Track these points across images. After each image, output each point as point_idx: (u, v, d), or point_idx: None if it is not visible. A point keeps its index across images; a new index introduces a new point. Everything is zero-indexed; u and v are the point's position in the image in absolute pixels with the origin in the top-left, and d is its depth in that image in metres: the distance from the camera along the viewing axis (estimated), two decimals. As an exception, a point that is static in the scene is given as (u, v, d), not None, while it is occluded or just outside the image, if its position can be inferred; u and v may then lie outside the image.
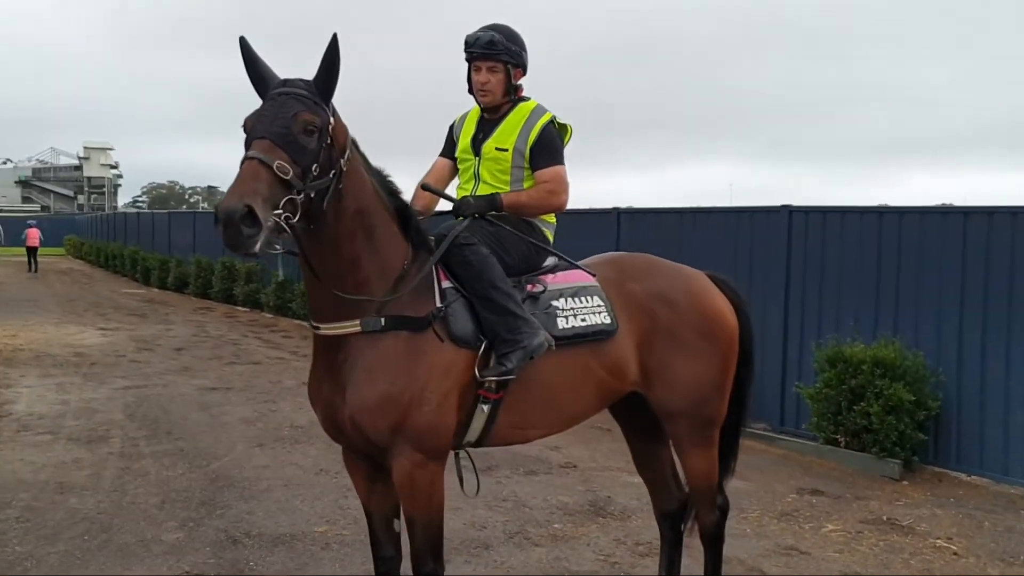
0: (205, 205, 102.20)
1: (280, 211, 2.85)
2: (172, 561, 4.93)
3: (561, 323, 3.67)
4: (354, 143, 3.35)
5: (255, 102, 3.13)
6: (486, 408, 3.52)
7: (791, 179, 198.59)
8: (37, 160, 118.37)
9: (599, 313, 3.75)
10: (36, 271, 32.09)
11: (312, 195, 3.02)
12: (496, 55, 3.74)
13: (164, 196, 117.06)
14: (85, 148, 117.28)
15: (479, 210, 3.69)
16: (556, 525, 5.79)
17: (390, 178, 3.54)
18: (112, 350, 12.74)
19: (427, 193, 3.89)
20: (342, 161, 3.14)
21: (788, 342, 8.72)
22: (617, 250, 10.26)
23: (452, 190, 4.05)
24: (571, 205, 3.99)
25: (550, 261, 3.92)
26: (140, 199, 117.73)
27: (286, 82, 3.10)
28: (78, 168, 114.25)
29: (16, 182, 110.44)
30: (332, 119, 3.10)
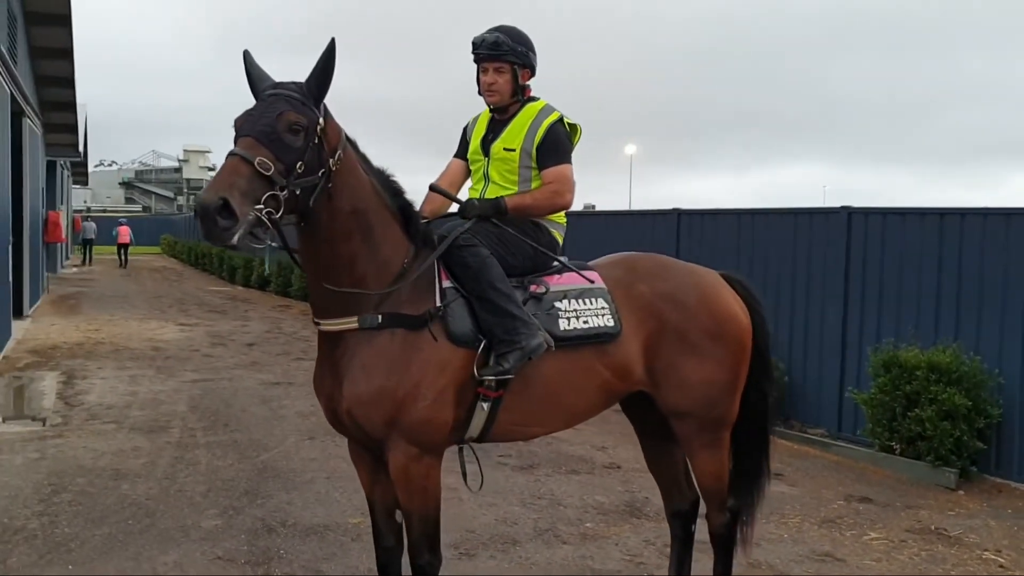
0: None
1: (261, 206, 2.94)
2: (207, 547, 5.11)
3: (563, 324, 3.68)
4: (352, 143, 3.43)
5: (341, 107, 3.36)
6: (486, 406, 3.55)
7: (886, 181, 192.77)
8: (140, 163, 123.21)
9: (602, 315, 3.75)
10: (126, 266, 34.38)
11: (298, 192, 3.09)
12: (502, 56, 3.78)
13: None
14: (185, 151, 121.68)
15: (483, 213, 3.71)
16: (588, 524, 5.79)
17: (393, 178, 3.60)
18: (187, 345, 13.21)
19: (437, 194, 3.94)
20: (332, 161, 3.21)
21: (847, 346, 8.52)
22: (677, 251, 10.27)
23: (465, 191, 4.11)
24: (636, 205, 4.04)
25: (559, 262, 3.92)
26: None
27: (277, 84, 3.20)
28: (178, 170, 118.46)
29: (120, 183, 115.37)
30: (323, 120, 3.17)
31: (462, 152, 4.10)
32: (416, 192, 3.83)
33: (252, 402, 9.16)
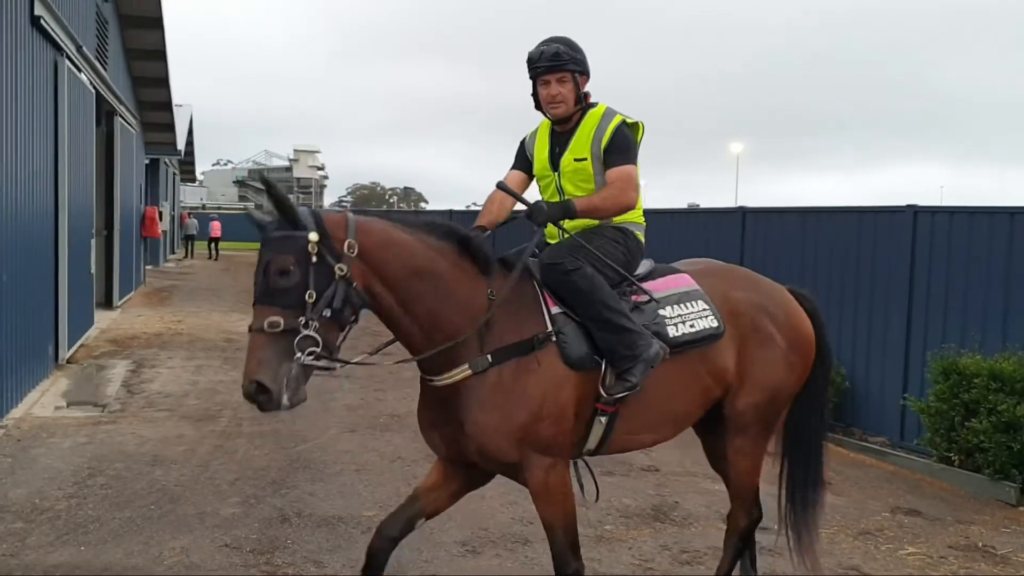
0: (403, 205, 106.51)
1: (300, 355, 3.08)
2: (218, 534, 5.20)
3: (672, 331, 3.79)
4: (379, 217, 3.52)
5: (444, 109, 3.57)
6: (603, 420, 3.67)
7: (1008, 182, 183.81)
8: (252, 162, 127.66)
9: (706, 317, 3.88)
10: (217, 258, 36.79)
11: (327, 314, 3.18)
12: (563, 66, 3.80)
13: (367, 196, 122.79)
14: (295, 151, 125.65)
15: (552, 217, 3.69)
16: (607, 527, 5.66)
17: (445, 224, 3.64)
18: (260, 337, 13.51)
19: (500, 198, 3.96)
20: (345, 255, 3.24)
21: (910, 352, 8.13)
22: (742, 250, 9.99)
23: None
24: (707, 203, 4.02)
25: (644, 265, 4.02)
26: (345, 199, 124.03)
27: (264, 230, 3.26)
28: (288, 169, 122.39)
29: (234, 182, 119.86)
30: (311, 234, 3.18)
31: (520, 164, 4.12)
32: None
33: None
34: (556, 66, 3.81)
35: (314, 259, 3.18)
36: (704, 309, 3.89)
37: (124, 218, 16.69)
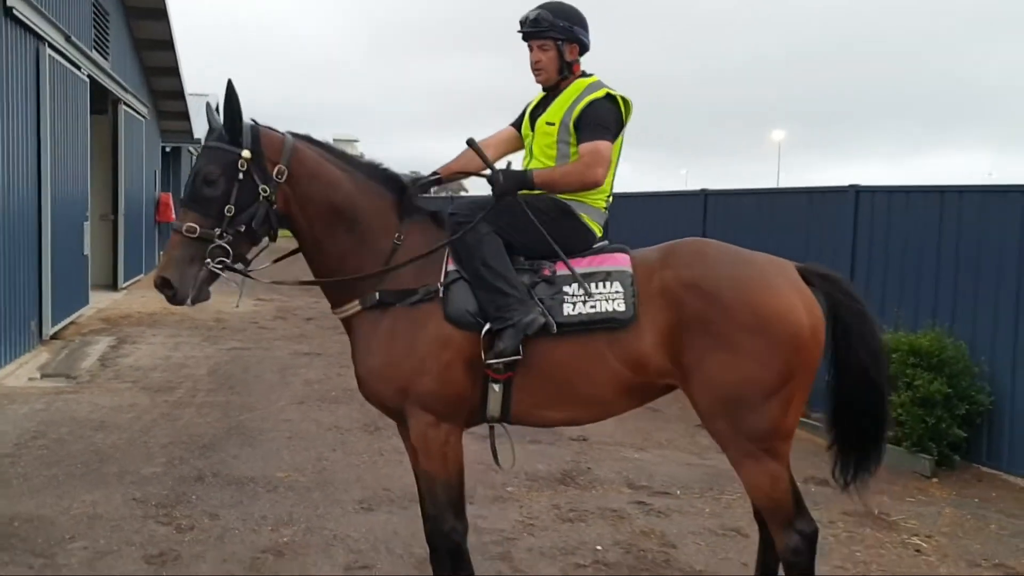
0: (441, 193, 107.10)
1: (208, 261, 3.36)
2: (132, 489, 5.52)
3: (567, 309, 3.56)
4: (320, 147, 3.65)
5: (482, 100, 3.88)
6: (497, 387, 3.59)
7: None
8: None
9: (614, 300, 3.54)
10: None
11: (242, 228, 3.42)
12: (543, 32, 3.72)
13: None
14: (334, 140, 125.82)
15: (506, 188, 3.62)
16: (510, 488, 5.89)
17: (382, 167, 3.78)
18: (250, 318, 13.89)
19: (471, 154, 3.86)
20: (273, 179, 3.45)
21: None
22: (704, 234, 10.13)
23: (510, 160, 4.00)
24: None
25: (598, 246, 3.81)
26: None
27: (207, 137, 3.50)
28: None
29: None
30: (247, 151, 3.39)
31: (517, 122, 4.07)
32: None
33: (270, 370, 9.63)
34: (536, 32, 3.74)
35: (240, 176, 3.40)
36: (616, 292, 3.54)
37: (131, 203, 17.17)
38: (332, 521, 5.17)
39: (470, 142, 3.79)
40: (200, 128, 25.72)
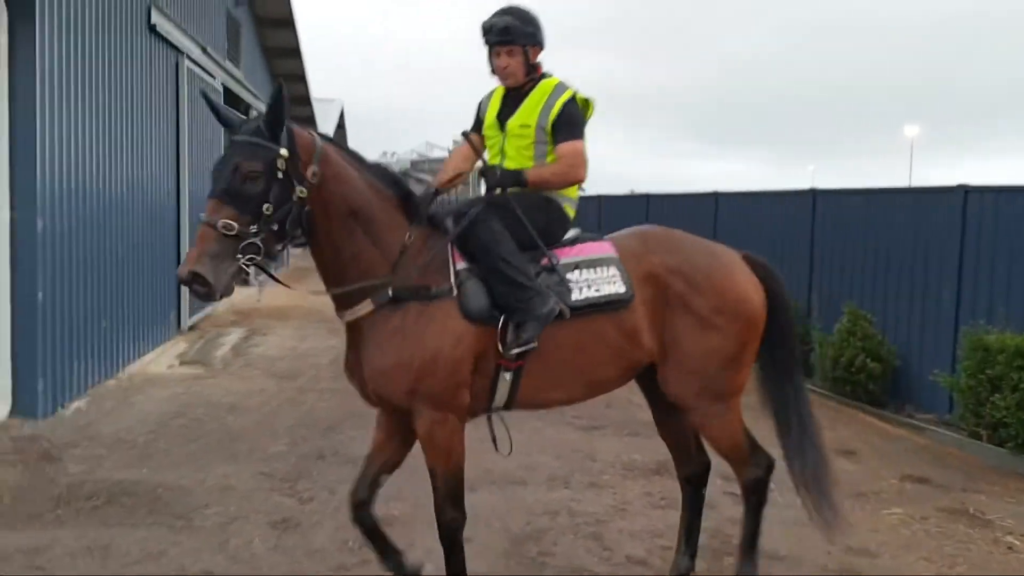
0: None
1: (240, 256, 3.27)
2: (260, 465, 6.07)
3: (575, 294, 3.82)
4: (339, 148, 3.70)
5: (599, 96, 4.05)
6: (508, 376, 3.75)
7: None
8: (416, 153, 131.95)
9: (614, 282, 3.87)
10: None
11: (275, 228, 3.37)
12: (512, 40, 3.93)
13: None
14: (454, 142, 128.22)
15: (503, 182, 3.88)
16: (605, 476, 6.17)
17: (390, 169, 3.94)
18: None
19: (457, 160, 4.19)
20: (307, 180, 3.45)
21: (960, 329, 8.13)
22: (813, 235, 10.16)
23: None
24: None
25: (572, 233, 4.11)
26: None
27: (235, 131, 3.45)
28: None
29: (399, 172, 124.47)
30: (285, 149, 3.36)
31: (476, 127, 4.24)
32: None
33: (386, 360, 10.15)
34: (505, 40, 3.93)
35: (279, 175, 3.34)
36: (613, 275, 3.88)
37: (260, 203, 18.14)
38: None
39: (465, 133, 4.08)
40: (327, 131, 26.84)
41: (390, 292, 3.63)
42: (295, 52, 19.41)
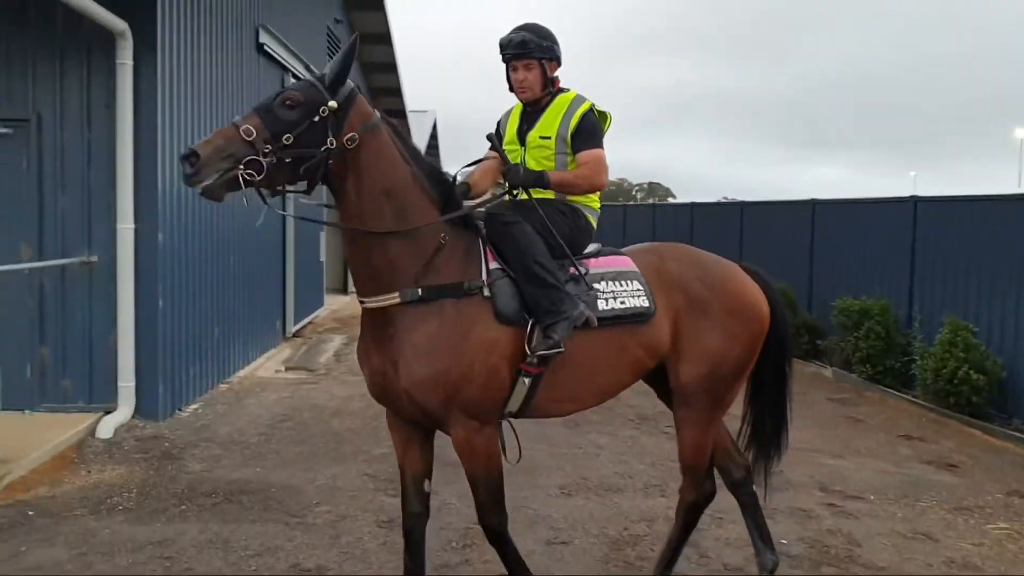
0: (650, 199, 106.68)
1: (242, 167, 3.23)
2: (364, 467, 6.33)
3: (602, 304, 3.87)
4: (395, 134, 3.68)
5: (694, 104, 4.45)
6: (527, 381, 3.72)
7: None
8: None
9: (638, 296, 3.95)
10: None
11: (287, 160, 3.33)
12: (529, 54, 3.99)
13: (613, 192, 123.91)
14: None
15: (525, 182, 3.88)
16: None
17: (438, 168, 3.87)
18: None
19: (484, 168, 4.13)
20: (343, 140, 3.43)
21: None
22: (915, 243, 9.99)
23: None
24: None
25: (592, 247, 4.16)
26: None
27: (316, 75, 3.54)
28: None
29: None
30: (335, 103, 3.39)
31: (494, 139, 4.22)
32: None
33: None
34: (522, 54, 3.97)
35: (316, 119, 3.36)
36: (638, 290, 3.96)
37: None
38: (535, 502, 5.73)
39: (490, 137, 4.05)
40: (421, 144, 27.42)
41: (419, 291, 3.59)
42: (391, 67, 19.91)
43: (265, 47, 10.23)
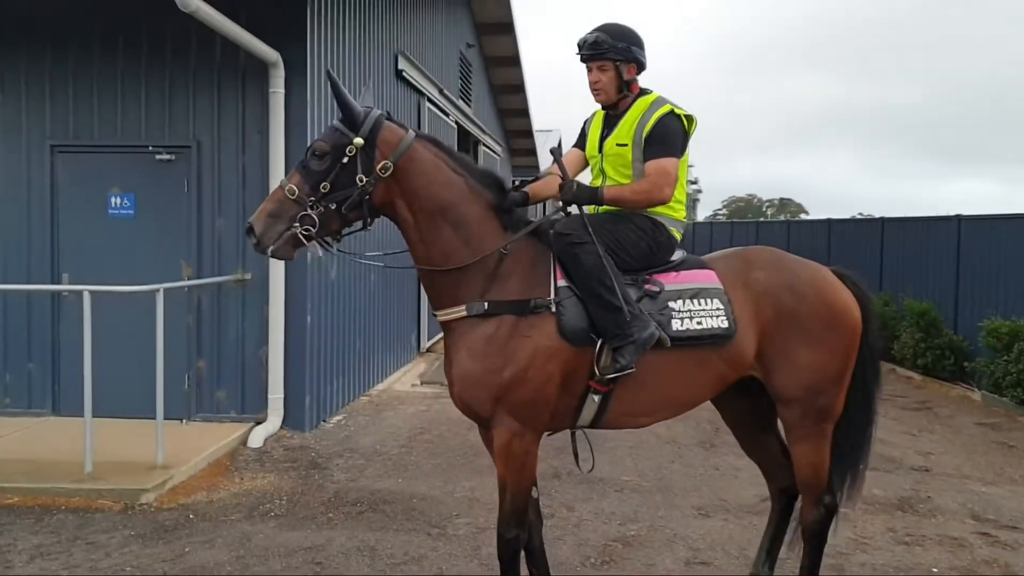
0: (781, 216, 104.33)
1: (297, 224, 3.51)
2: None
3: (676, 324, 3.77)
4: (437, 148, 3.77)
5: (827, 119, 4.39)
6: (597, 398, 3.73)
7: None
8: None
9: (717, 317, 3.82)
10: None
11: (333, 207, 3.56)
12: (603, 54, 3.89)
13: (743, 209, 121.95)
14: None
15: (578, 198, 3.81)
16: (843, 509, 6.01)
17: (495, 175, 3.89)
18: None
19: (549, 176, 4.06)
20: (376, 171, 3.59)
21: None
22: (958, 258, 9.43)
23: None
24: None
25: (678, 256, 4.04)
26: (720, 212, 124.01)
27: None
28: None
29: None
30: (357, 139, 3.57)
31: (579, 143, 4.24)
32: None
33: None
34: (596, 54, 3.89)
35: (345, 160, 3.55)
36: (718, 309, 3.82)
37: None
38: (673, 522, 5.70)
39: (553, 151, 3.88)
40: (545, 163, 27.67)
41: (485, 306, 3.63)
42: (519, 88, 20.20)
43: (403, 73, 10.60)
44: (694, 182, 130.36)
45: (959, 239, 11.98)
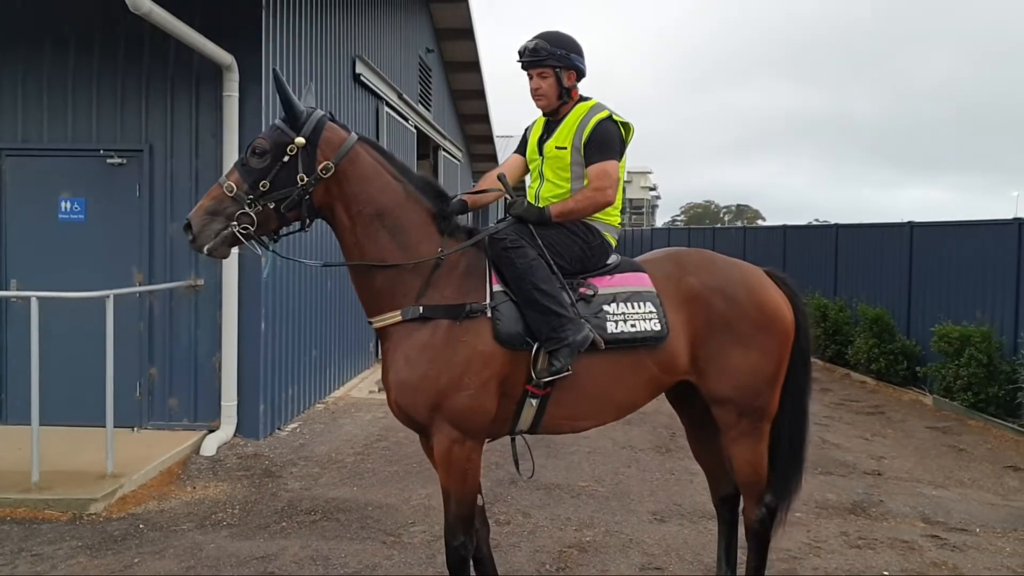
0: (737, 221, 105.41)
1: (235, 223, 3.47)
2: (458, 488, 6.40)
3: (611, 327, 3.79)
4: (378, 153, 3.76)
5: (785, 128, 4.31)
6: (534, 402, 3.73)
7: None
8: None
9: (650, 320, 3.84)
10: None
11: (272, 205, 3.53)
12: (542, 61, 3.93)
13: (700, 215, 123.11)
14: (628, 172, 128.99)
15: (527, 218, 3.85)
16: (798, 514, 6.09)
17: (433, 182, 3.90)
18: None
19: (490, 183, 4.12)
20: (316, 171, 3.55)
21: None
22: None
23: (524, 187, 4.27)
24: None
25: (612, 260, 4.05)
26: (678, 217, 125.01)
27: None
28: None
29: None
30: (298, 138, 3.53)
31: (520, 149, 4.26)
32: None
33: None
34: (536, 61, 3.92)
35: (286, 159, 3.52)
36: (650, 312, 3.84)
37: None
38: (628, 527, 5.71)
39: (501, 177, 3.98)
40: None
41: (420, 310, 3.62)
42: (480, 93, 20.19)
43: (361, 77, 10.53)
44: (653, 188, 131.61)
45: (912, 246, 12.18)
